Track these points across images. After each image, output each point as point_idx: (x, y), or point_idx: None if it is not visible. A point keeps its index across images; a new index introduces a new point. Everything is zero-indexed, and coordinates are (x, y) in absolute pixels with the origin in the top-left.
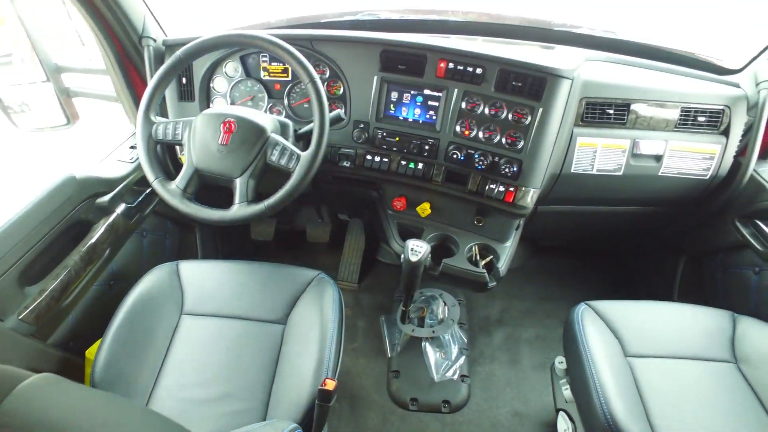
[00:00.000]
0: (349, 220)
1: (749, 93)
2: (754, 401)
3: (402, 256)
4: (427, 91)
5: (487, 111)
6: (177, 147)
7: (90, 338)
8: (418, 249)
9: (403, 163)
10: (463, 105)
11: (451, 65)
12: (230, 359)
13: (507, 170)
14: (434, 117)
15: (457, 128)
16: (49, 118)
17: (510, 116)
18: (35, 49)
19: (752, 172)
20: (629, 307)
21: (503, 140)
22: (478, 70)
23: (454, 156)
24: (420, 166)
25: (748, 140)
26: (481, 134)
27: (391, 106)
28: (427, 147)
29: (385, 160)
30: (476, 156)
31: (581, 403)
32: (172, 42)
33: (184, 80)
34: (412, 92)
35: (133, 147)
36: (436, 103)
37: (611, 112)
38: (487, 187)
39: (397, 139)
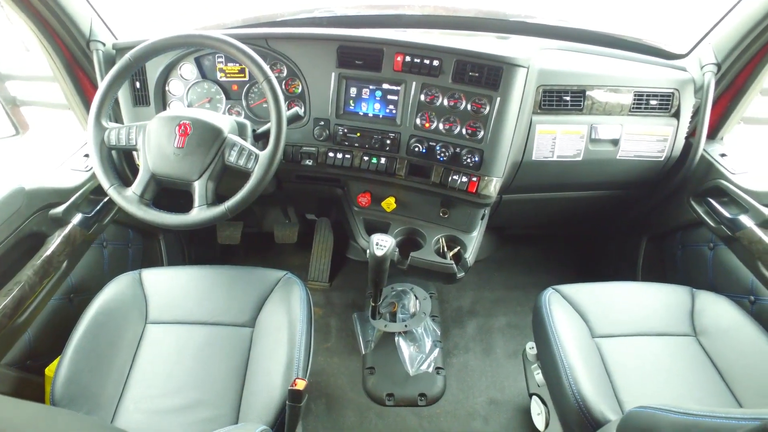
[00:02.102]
0: (316, 219)
1: (695, 76)
2: (713, 371)
3: (368, 251)
4: (385, 86)
5: (446, 102)
6: (134, 152)
7: (50, 356)
8: (383, 243)
9: (366, 158)
10: (422, 97)
11: (408, 58)
12: (198, 366)
13: (469, 160)
14: (394, 111)
15: (417, 121)
16: None
17: (469, 107)
18: None
19: (702, 151)
20: (594, 288)
21: (463, 131)
22: (435, 62)
23: (416, 149)
24: (383, 160)
25: (697, 121)
26: (441, 126)
27: (351, 102)
28: (388, 141)
29: (348, 156)
30: (438, 148)
31: (552, 386)
32: (122, 45)
33: (137, 84)
34: (371, 87)
35: (87, 155)
36: (395, 97)
37: (568, 98)
38: (450, 179)
39: (358, 134)
